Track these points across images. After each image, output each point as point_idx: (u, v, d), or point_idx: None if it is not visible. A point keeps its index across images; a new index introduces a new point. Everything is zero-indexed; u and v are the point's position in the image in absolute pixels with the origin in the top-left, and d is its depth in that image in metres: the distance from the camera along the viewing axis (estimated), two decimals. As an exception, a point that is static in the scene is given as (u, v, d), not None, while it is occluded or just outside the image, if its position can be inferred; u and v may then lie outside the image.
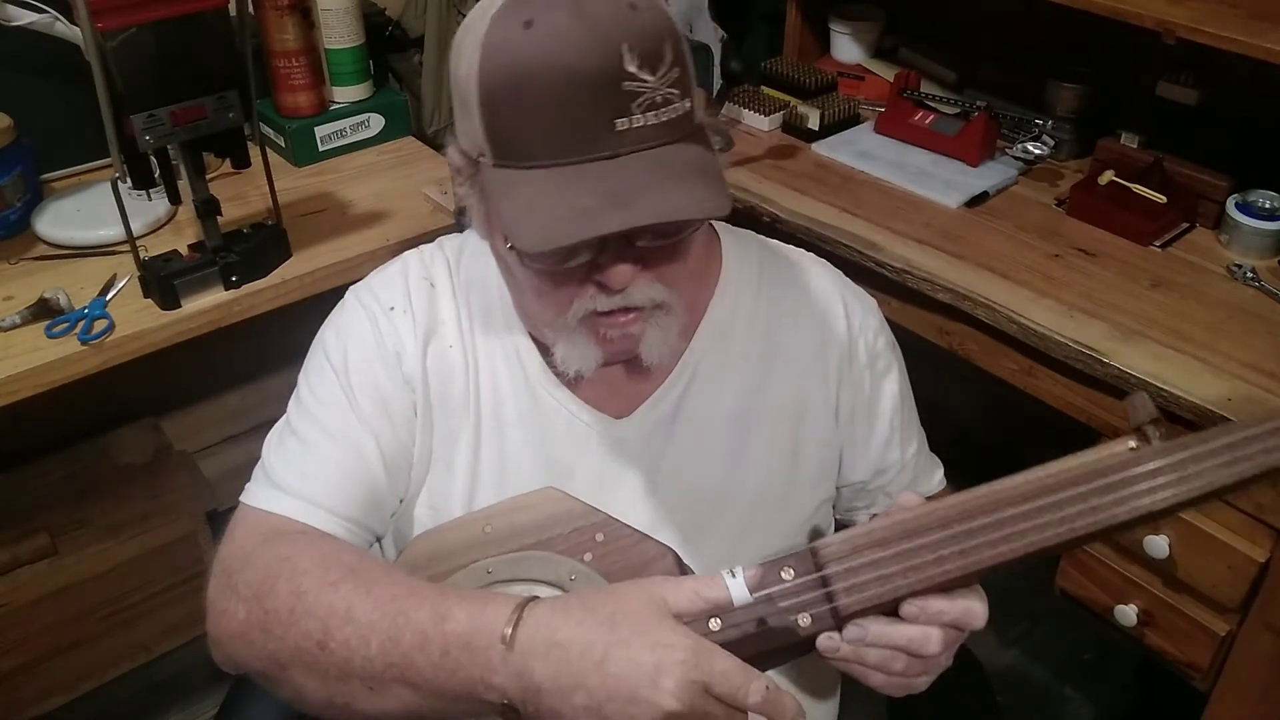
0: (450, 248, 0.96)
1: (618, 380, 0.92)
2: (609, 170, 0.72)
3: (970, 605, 0.75)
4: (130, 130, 1.22)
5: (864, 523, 0.76)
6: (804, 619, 0.73)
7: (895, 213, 1.58)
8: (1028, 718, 1.85)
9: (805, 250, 1.04)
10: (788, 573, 0.74)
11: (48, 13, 1.47)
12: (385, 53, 1.85)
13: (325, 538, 0.84)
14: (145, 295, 1.37)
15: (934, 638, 0.74)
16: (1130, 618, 1.34)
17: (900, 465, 1.01)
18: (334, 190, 1.64)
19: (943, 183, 1.64)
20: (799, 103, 1.85)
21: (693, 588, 0.69)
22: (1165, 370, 1.24)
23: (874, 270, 1.48)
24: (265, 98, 1.70)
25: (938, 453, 1.08)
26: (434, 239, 0.98)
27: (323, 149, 1.72)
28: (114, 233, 1.43)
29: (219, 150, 1.36)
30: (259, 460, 0.90)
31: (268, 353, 1.83)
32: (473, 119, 0.75)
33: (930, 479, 1.06)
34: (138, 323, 1.33)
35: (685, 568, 0.79)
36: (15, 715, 1.76)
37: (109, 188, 1.27)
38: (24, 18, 1.46)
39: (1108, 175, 1.56)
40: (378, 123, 1.77)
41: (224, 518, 0.88)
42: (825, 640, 0.73)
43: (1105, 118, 1.69)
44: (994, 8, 1.86)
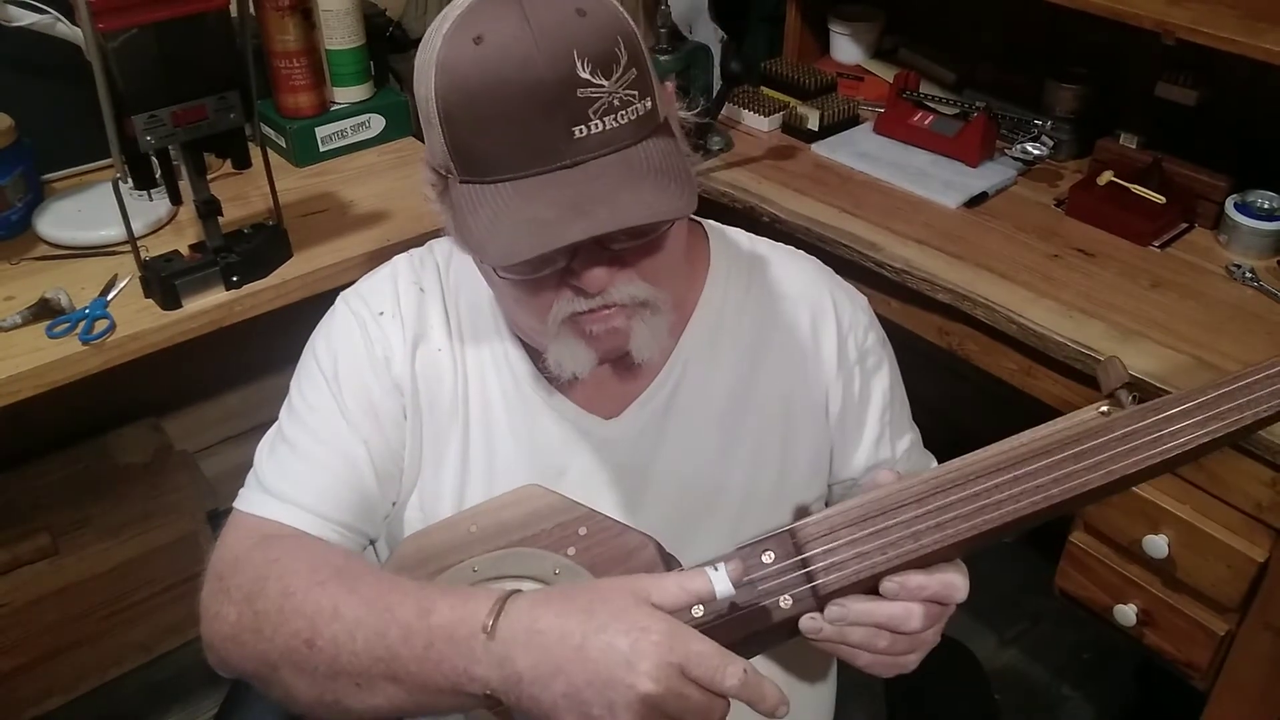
0: (441, 251, 0.96)
1: (607, 381, 0.92)
2: (570, 179, 0.72)
3: (950, 579, 0.75)
4: (131, 130, 1.22)
5: (841, 502, 0.76)
6: (785, 600, 0.73)
7: (895, 213, 1.58)
8: (1027, 717, 1.85)
9: (796, 248, 1.04)
10: (768, 556, 0.74)
11: (49, 13, 1.47)
12: (386, 53, 1.85)
13: (315, 540, 0.85)
14: (146, 295, 1.37)
15: (915, 613, 0.74)
16: (1130, 618, 1.34)
17: (892, 461, 1.01)
18: (335, 190, 1.64)
19: (942, 183, 1.64)
20: (799, 103, 1.85)
21: (676, 581, 0.69)
22: (1164, 370, 1.24)
23: (874, 270, 1.48)
24: (266, 98, 1.70)
25: (937, 453, 1.08)
26: (434, 239, 0.99)
27: (323, 149, 1.73)
28: (115, 233, 1.43)
29: (220, 151, 1.36)
30: (252, 466, 0.91)
31: (268, 353, 1.83)
32: (436, 137, 0.76)
33: None
34: (138, 323, 1.33)
35: (668, 556, 0.79)
36: (15, 715, 1.76)
37: (110, 188, 1.27)
38: (25, 18, 1.46)
39: (1107, 175, 1.57)
40: (378, 123, 1.77)
41: (224, 518, 0.88)
42: (808, 621, 0.73)
43: (1104, 118, 1.69)
44: (994, 8, 1.86)
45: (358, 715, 0.75)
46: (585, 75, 0.71)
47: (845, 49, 1.99)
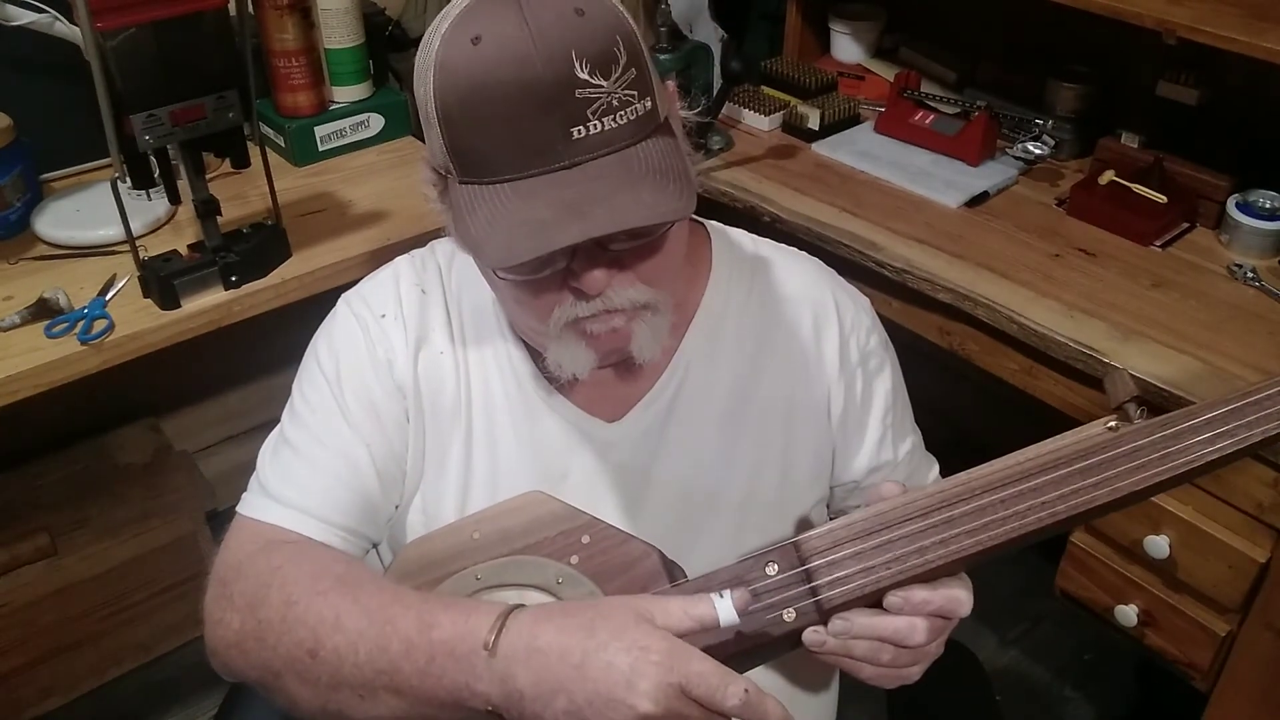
0: (442, 252, 0.96)
1: (609, 383, 0.91)
2: (568, 180, 0.72)
3: (954, 594, 0.75)
4: (130, 130, 1.22)
5: (845, 515, 0.76)
6: (789, 613, 0.73)
7: (895, 213, 1.58)
8: (1028, 718, 1.85)
9: (798, 249, 1.03)
10: (771, 568, 0.74)
11: (47, 12, 1.47)
12: (385, 52, 1.85)
13: (318, 547, 0.85)
14: (145, 295, 1.37)
15: (919, 628, 0.74)
16: (1130, 618, 1.34)
17: (894, 464, 1.01)
18: (334, 190, 1.64)
19: (943, 182, 1.64)
20: (799, 103, 1.85)
21: (681, 606, 0.69)
22: (1165, 370, 1.24)
23: (874, 270, 1.48)
24: (265, 97, 1.70)
25: (937, 453, 1.08)
26: (434, 239, 0.98)
27: (322, 149, 1.72)
28: (114, 233, 1.43)
29: (219, 150, 1.36)
30: (255, 469, 0.90)
31: (268, 353, 1.83)
32: (435, 137, 0.75)
33: (925, 477, 1.06)
34: (137, 323, 1.33)
35: (671, 564, 0.79)
36: (15, 715, 1.76)
37: (109, 188, 1.27)
38: (24, 17, 1.46)
39: (1108, 175, 1.56)
40: (377, 123, 1.77)
41: (224, 518, 0.88)
42: (811, 634, 0.73)
43: (1105, 117, 1.69)
44: (994, 8, 1.86)
45: None
46: (583, 76, 0.70)
47: (846, 48, 1.99)
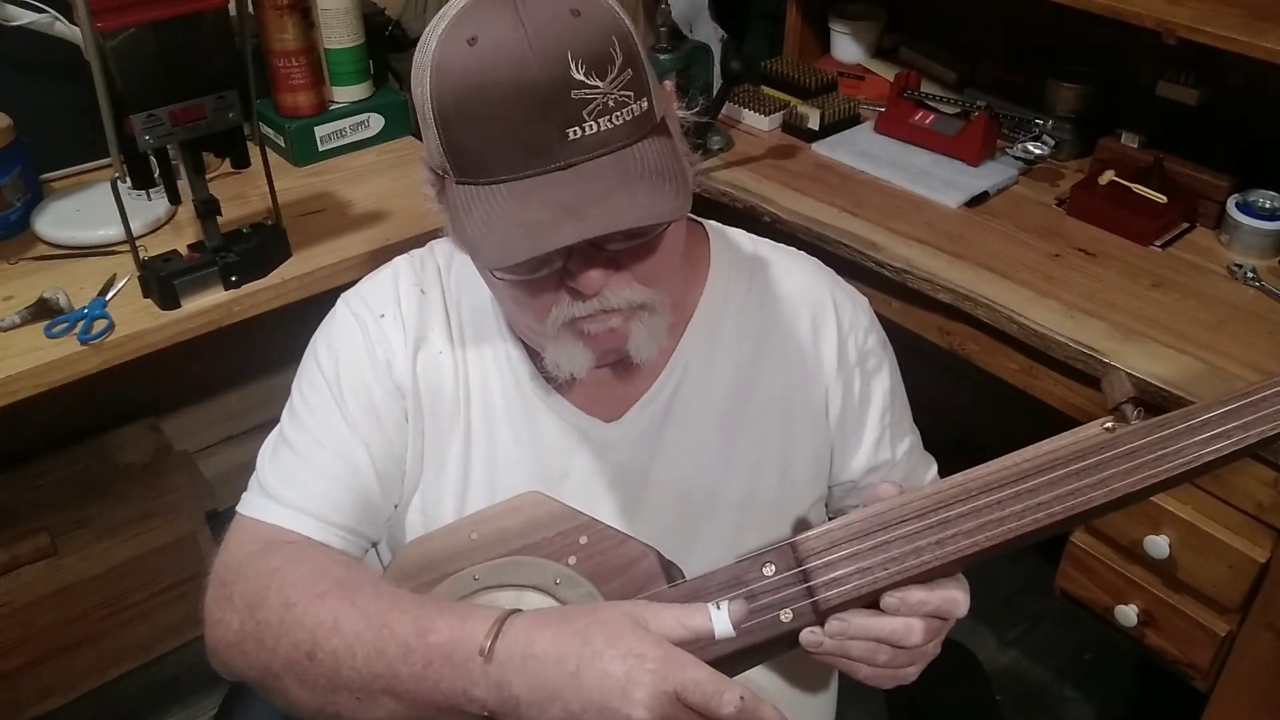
0: (441, 252, 0.96)
1: (608, 383, 0.91)
2: (564, 180, 0.72)
3: (951, 594, 0.75)
4: (130, 130, 1.22)
5: (843, 515, 0.76)
6: (786, 614, 0.73)
7: (895, 213, 1.58)
8: (1028, 718, 1.84)
9: (797, 249, 1.03)
10: (769, 568, 0.74)
11: (47, 12, 1.47)
12: (385, 52, 1.85)
13: (317, 547, 0.85)
14: (145, 295, 1.37)
15: (916, 629, 0.74)
16: (1130, 618, 1.34)
17: (892, 463, 1.01)
18: (334, 190, 1.64)
19: (943, 182, 1.64)
20: (799, 102, 1.85)
21: (676, 617, 0.69)
22: (1165, 370, 1.24)
23: (874, 270, 1.48)
24: (265, 97, 1.70)
25: (937, 453, 1.08)
26: (433, 239, 0.98)
27: (322, 149, 1.72)
28: (113, 233, 1.43)
29: (219, 150, 1.36)
30: (255, 469, 0.91)
31: (268, 353, 1.83)
32: (432, 138, 0.76)
33: (924, 477, 1.06)
34: (137, 323, 1.33)
35: (669, 565, 0.79)
36: (15, 715, 1.76)
37: (109, 188, 1.27)
38: (24, 17, 1.46)
39: (1108, 175, 1.56)
40: (377, 123, 1.77)
41: (224, 518, 0.88)
42: (808, 635, 0.73)
43: (1105, 117, 1.69)
44: (994, 8, 1.86)
45: None
46: (579, 76, 0.70)
47: (846, 48, 1.99)
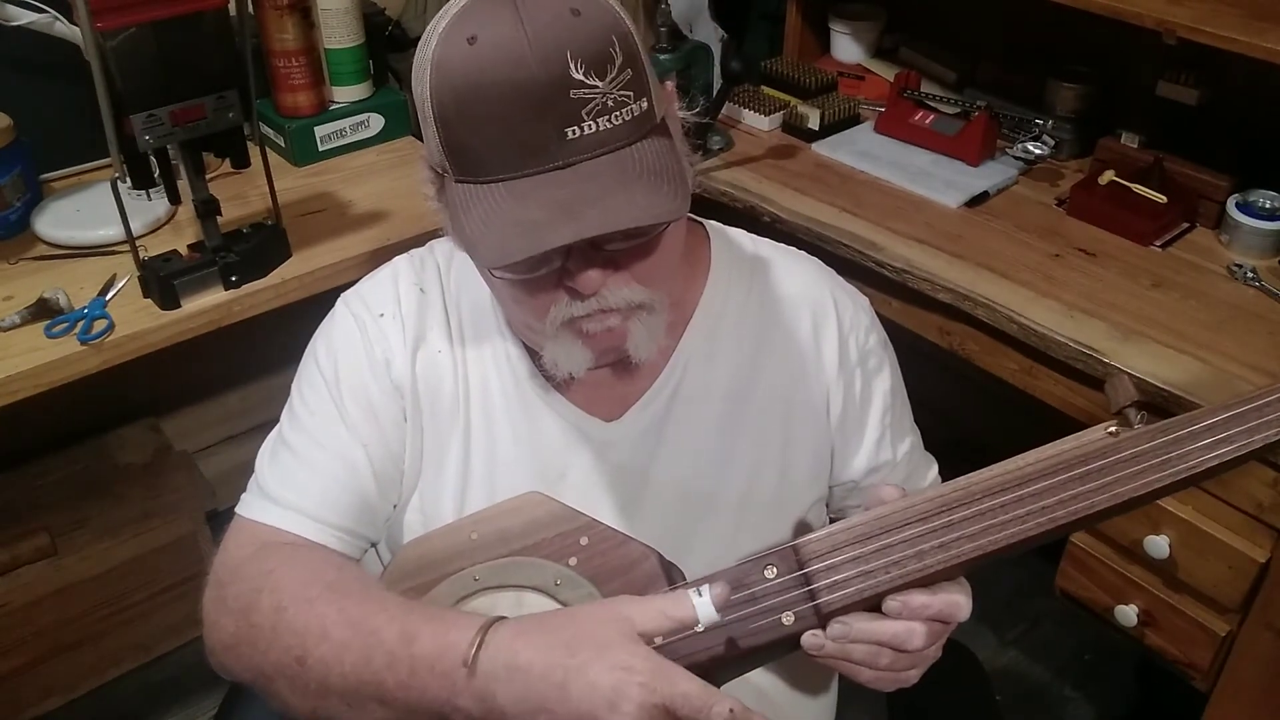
0: (441, 251, 0.96)
1: (607, 383, 0.91)
2: (562, 180, 0.72)
3: (953, 599, 0.75)
4: (130, 130, 1.22)
5: (845, 518, 0.76)
6: (787, 617, 0.73)
7: (895, 213, 1.58)
8: (1028, 718, 1.84)
9: (797, 249, 1.03)
10: (770, 571, 0.74)
11: (47, 12, 1.47)
12: (385, 52, 1.85)
13: (313, 550, 0.85)
14: (145, 295, 1.37)
15: (918, 632, 0.74)
16: (1130, 618, 1.34)
17: (893, 464, 1.01)
18: (334, 190, 1.64)
19: (943, 182, 1.64)
20: (799, 103, 1.85)
21: (659, 607, 0.69)
22: (1165, 370, 1.24)
23: (874, 270, 1.48)
24: (265, 97, 1.70)
25: (937, 453, 1.08)
26: (433, 239, 0.98)
27: (322, 149, 1.72)
28: (113, 233, 1.43)
29: (219, 150, 1.36)
30: (254, 470, 0.91)
31: (268, 353, 1.83)
32: (432, 136, 0.76)
33: (924, 477, 1.06)
34: (137, 323, 1.33)
35: (669, 566, 0.79)
36: (15, 715, 1.76)
37: (109, 188, 1.26)
38: (24, 17, 1.46)
39: (1108, 175, 1.56)
40: (377, 123, 1.77)
41: (224, 518, 0.88)
42: (809, 638, 0.73)
43: (1105, 117, 1.69)
44: (994, 8, 1.86)
45: None
46: (578, 76, 0.70)
47: (846, 48, 1.99)
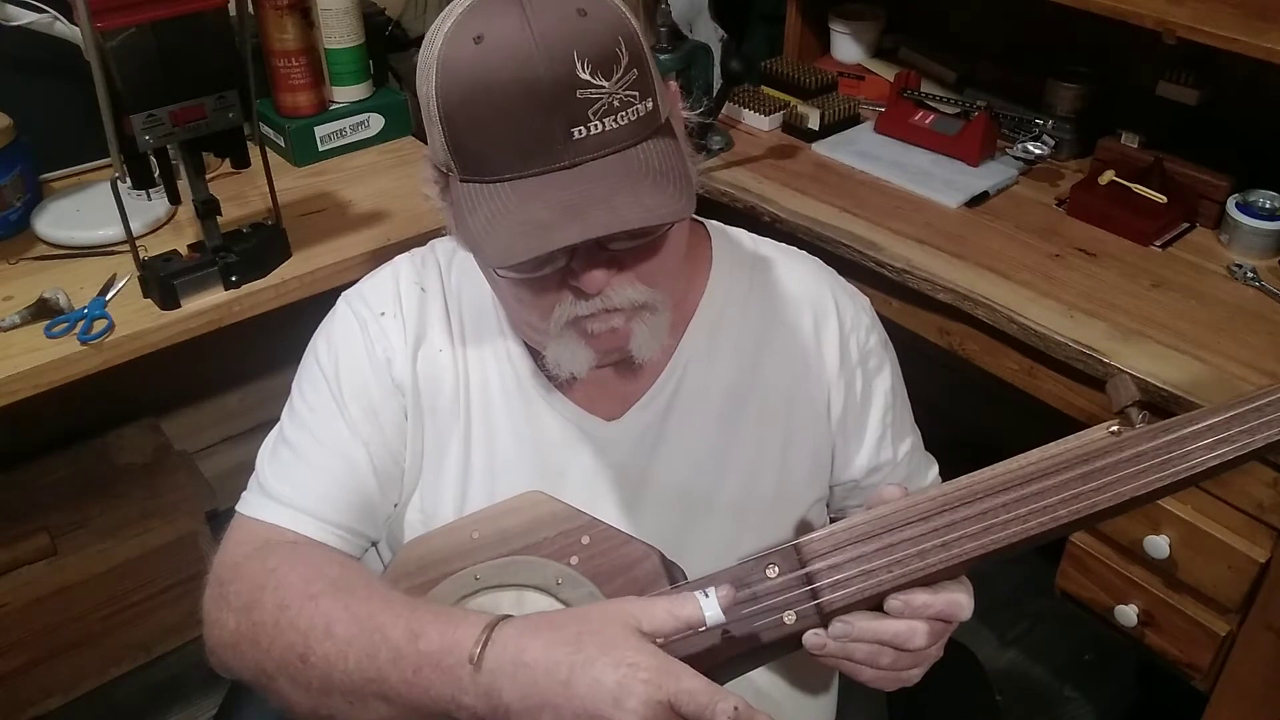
0: (443, 250, 0.96)
1: (608, 382, 0.91)
2: (568, 180, 0.72)
3: (955, 598, 0.75)
4: (130, 130, 1.22)
5: (846, 517, 0.76)
6: (789, 616, 0.73)
7: (895, 213, 1.58)
8: (1028, 718, 1.84)
9: (798, 248, 1.03)
10: (772, 570, 0.74)
11: (47, 12, 1.46)
12: (385, 52, 1.85)
13: (314, 547, 0.85)
14: (145, 295, 1.37)
15: (920, 631, 0.74)
16: (1130, 618, 1.34)
17: (893, 463, 1.01)
18: (334, 190, 1.64)
19: (943, 182, 1.64)
20: (799, 103, 1.85)
21: (665, 607, 0.69)
22: (1165, 370, 1.24)
23: (874, 270, 1.48)
24: (265, 97, 1.70)
25: (937, 453, 1.08)
26: (434, 239, 0.98)
27: (322, 149, 1.72)
28: (114, 233, 1.43)
29: (219, 150, 1.36)
30: (254, 469, 0.91)
31: (268, 353, 1.83)
32: (437, 135, 0.76)
33: (924, 477, 1.06)
34: (137, 323, 1.33)
35: (671, 565, 0.79)
36: (15, 715, 1.76)
37: (109, 188, 1.27)
38: (23, 17, 1.46)
39: (1108, 175, 1.56)
40: (377, 123, 1.77)
41: (224, 518, 0.88)
42: (811, 637, 0.73)
43: (1105, 117, 1.69)
44: (994, 8, 1.86)
45: None
46: (585, 76, 0.70)
47: (846, 48, 1.99)
